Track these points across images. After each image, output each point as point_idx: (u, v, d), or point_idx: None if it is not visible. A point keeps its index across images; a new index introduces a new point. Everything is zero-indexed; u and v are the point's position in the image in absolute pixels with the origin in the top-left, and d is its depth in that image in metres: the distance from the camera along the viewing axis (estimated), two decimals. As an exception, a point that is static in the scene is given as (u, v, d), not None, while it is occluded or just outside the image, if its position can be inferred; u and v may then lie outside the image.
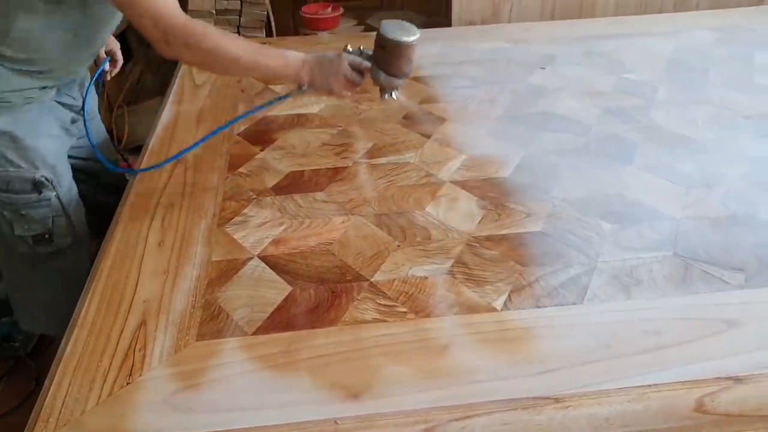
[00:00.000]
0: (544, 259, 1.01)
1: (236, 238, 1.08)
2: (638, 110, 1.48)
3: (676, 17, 2.14)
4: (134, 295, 0.95)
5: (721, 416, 0.77)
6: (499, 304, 0.92)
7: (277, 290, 0.96)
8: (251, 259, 1.03)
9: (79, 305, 0.94)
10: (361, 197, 1.18)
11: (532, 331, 0.87)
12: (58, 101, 1.30)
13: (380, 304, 0.92)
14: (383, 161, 1.30)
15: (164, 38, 1.04)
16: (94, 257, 1.08)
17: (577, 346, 0.84)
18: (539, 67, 1.74)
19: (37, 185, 1.23)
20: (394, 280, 0.97)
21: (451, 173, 1.25)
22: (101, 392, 0.79)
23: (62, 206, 1.28)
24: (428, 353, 0.84)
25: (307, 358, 0.84)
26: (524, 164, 1.28)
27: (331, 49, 1.91)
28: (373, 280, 0.97)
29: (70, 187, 1.31)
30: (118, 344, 0.86)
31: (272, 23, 2.37)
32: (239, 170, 1.28)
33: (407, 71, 1.13)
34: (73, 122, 1.36)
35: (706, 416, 0.76)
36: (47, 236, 1.28)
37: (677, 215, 1.11)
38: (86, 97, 1.38)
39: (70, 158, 1.35)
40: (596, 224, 1.09)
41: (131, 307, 0.93)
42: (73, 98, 1.35)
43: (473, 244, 1.05)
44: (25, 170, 1.22)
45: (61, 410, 0.77)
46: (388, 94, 1.17)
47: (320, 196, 1.19)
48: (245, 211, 1.15)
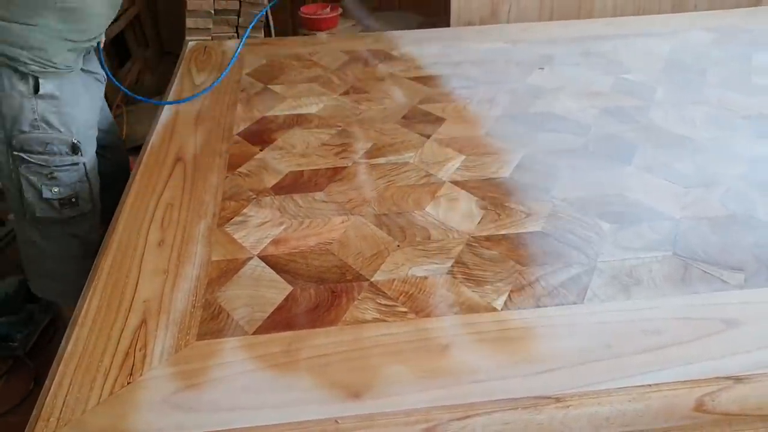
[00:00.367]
0: (544, 258, 1.01)
1: (236, 237, 1.08)
2: (637, 110, 1.49)
3: (673, 18, 2.14)
4: (134, 294, 0.95)
5: (721, 416, 0.77)
6: (499, 303, 0.92)
7: (277, 290, 0.96)
8: (251, 258, 1.03)
9: (79, 304, 0.94)
10: (360, 197, 1.18)
11: (532, 330, 0.88)
12: (84, 69, 1.40)
13: (380, 303, 0.93)
14: (383, 161, 1.31)
15: None
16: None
17: (577, 345, 0.85)
18: (538, 67, 1.74)
19: (74, 148, 1.33)
20: (394, 280, 0.97)
21: (450, 173, 1.25)
22: (102, 391, 0.79)
23: (86, 173, 1.36)
24: (428, 353, 0.84)
25: (307, 357, 0.84)
26: (524, 164, 1.28)
27: (330, 49, 1.92)
28: (373, 280, 0.97)
29: (93, 155, 1.40)
30: (118, 343, 0.86)
31: (271, 23, 2.37)
32: (239, 170, 1.28)
33: None
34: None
35: (706, 416, 0.77)
36: (73, 200, 1.35)
37: (676, 215, 1.11)
38: (101, 56, 1.51)
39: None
40: (595, 224, 1.09)
41: (131, 306, 0.93)
42: (92, 66, 1.46)
43: (473, 244, 1.05)
44: (63, 134, 1.31)
45: (62, 409, 0.77)
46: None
47: (320, 196, 1.19)
48: (245, 211, 1.15)
